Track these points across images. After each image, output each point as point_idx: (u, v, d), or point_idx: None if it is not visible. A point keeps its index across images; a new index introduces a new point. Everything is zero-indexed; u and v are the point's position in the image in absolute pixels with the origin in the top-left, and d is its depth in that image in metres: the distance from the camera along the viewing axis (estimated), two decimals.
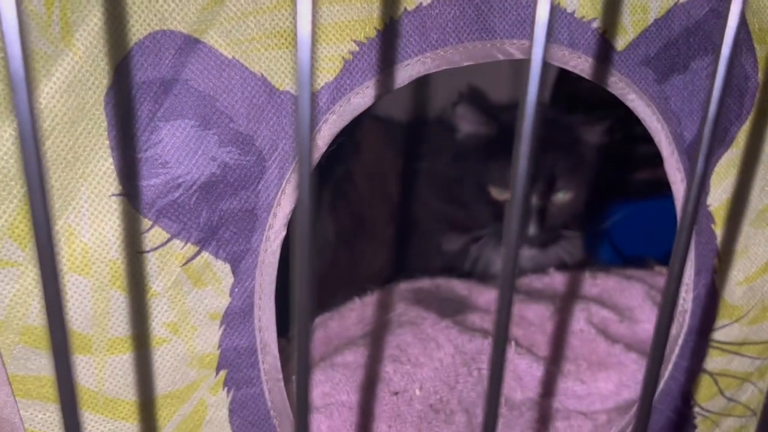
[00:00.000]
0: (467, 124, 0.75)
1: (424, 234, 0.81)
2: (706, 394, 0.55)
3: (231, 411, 0.42)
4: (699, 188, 0.24)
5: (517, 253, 0.23)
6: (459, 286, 0.62)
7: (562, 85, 0.90)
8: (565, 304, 0.59)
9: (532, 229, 0.72)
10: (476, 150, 0.75)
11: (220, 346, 0.41)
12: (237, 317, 0.41)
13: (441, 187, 0.78)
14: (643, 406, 0.27)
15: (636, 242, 0.87)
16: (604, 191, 0.85)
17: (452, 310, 0.57)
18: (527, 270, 0.73)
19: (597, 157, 0.79)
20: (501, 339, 0.23)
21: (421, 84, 0.66)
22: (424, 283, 0.62)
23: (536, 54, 0.20)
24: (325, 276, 0.77)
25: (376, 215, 0.81)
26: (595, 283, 0.63)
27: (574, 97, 0.79)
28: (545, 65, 0.20)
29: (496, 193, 0.74)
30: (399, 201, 0.82)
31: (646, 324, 0.59)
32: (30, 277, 0.35)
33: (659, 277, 0.65)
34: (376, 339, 0.53)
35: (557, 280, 0.65)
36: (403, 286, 0.61)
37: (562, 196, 0.75)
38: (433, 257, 0.80)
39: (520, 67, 0.45)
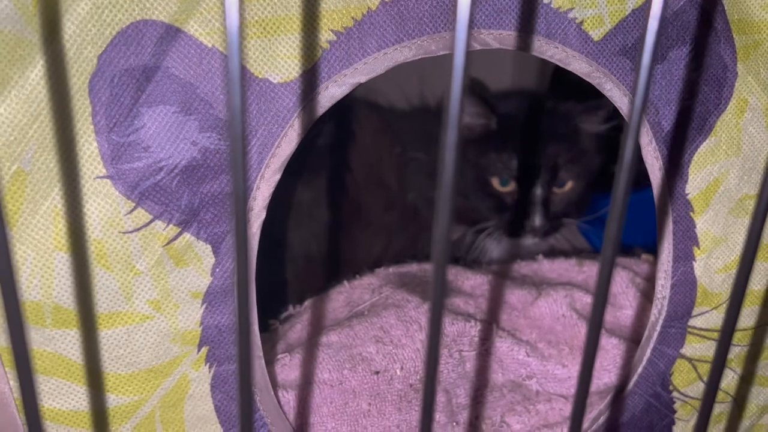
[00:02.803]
0: (466, 115, 0.76)
1: (422, 223, 0.82)
2: (685, 380, 0.56)
3: (213, 386, 0.44)
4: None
5: (449, 234, 0.24)
6: None
7: (562, 74, 0.90)
8: (548, 290, 0.60)
9: (537, 220, 0.73)
10: (475, 141, 0.76)
11: (202, 323, 0.43)
12: (218, 296, 0.43)
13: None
14: (580, 389, 0.28)
15: (631, 231, 0.87)
16: (603, 180, 0.85)
17: None
18: (524, 257, 0.74)
19: (596, 145, 0.80)
20: (436, 318, 0.24)
21: (420, 71, 0.67)
22: (412, 267, 0.64)
23: (459, 44, 0.21)
24: (324, 262, 0.78)
25: (373, 203, 0.82)
26: (582, 270, 0.64)
27: (574, 86, 0.80)
28: (469, 56, 0.22)
29: (498, 185, 0.75)
30: (397, 189, 0.83)
31: (628, 310, 0.60)
32: (17, 254, 0.37)
33: (645, 264, 0.65)
34: (360, 320, 0.55)
35: (545, 266, 0.66)
36: (391, 270, 0.63)
37: (564, 186, 0.76)
38: (431, 246, 0.81)
39: (523, 56, 0.46)
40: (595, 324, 0.28)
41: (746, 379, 0.58)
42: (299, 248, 0.75)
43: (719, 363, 0.32)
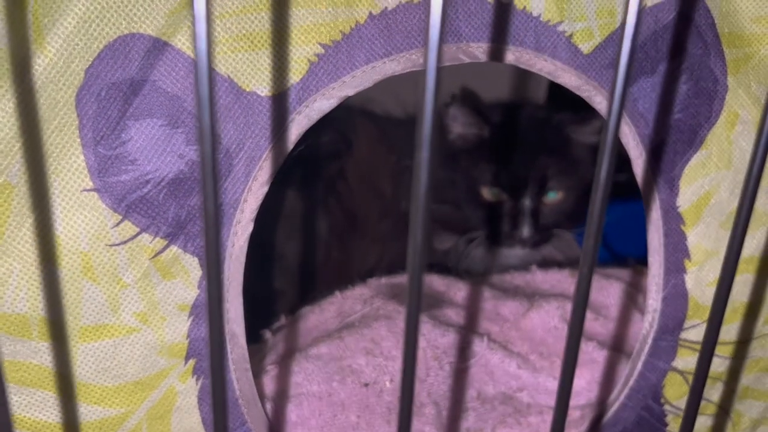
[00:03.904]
0: (459, 125, 0.76)
1: None
2: (676, 393, 0.56)
3: (200, 398, 0.44)
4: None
5: (424, 252, 0.24)
6: (437, 282, 0.63)
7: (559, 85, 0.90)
8: (540, 301, 0.60)
9: (524, 231, 0.73)
10: (468, 151, 0.76)
11: (188, 336, 0.43)
12: (205, 309, 0.43)
13: (433, 188, 0.79)
14: (560, 402, 0.28)
15: (629, 242, 0.87)
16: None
17: (427, 304, 0.58)
18: (517, 268, 0.74)
19: (590, 156, 0.79)
20: (412, 336, 0.24)
21: (416, 80, 0.67)
22: (404, 278, 0.63)
23: (431, 60, 0.21)
24: (318, 272, 0.78)
25: (369, 212, 0.82)
26: (575, 282, 0.64)
27: (571, 96, 0.80)
28: (440, 72, 0.22)
29: (487, 195, 0.75)
30: (392, 198, 0.83)
31: (621, 322, 0.60)
32: (3, 267, 0.37)
33: (639, 276, 0.65)
34: (351, 332, 0.55)
35: (538, 277, 0.66)
36: (383, 281, 0.63)
37: (553, 197, 0.76)
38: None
39: (517, 68, 0.46)
40: (574, 336, 0.28)
41: (738, 393, 0.58)
42: (293, 258, 0.75)
43: (701, 375, 0.32)
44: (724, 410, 0.58)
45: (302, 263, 0.76)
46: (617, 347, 0.59)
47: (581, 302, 0.27)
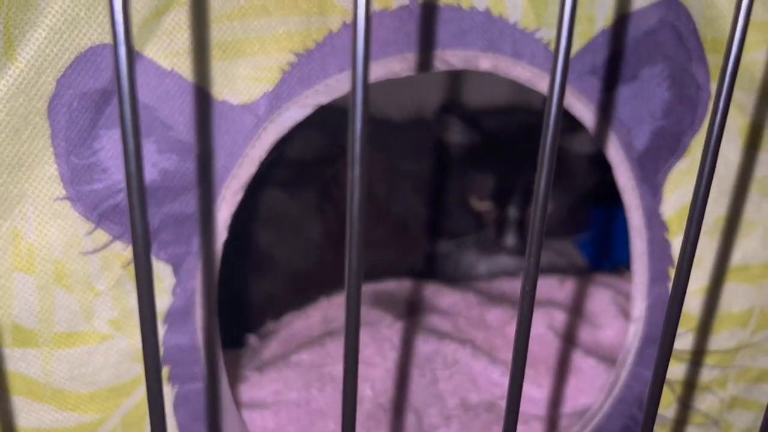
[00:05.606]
0: (450, 133, 0.76)
1: (412, 237, 0.82)
2: (663, 402, 0.55)
3: (175, 405, 0.44)
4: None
5: (362, 254, 0.24)
6: (422, 288, 0.63)
7: None
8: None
9: (509, 240, 0.72)
10: (458, 158, 0.76)
11: (163, 343, 0.43)
12: (179, 316, 0.43)
13: (425, 194, 0.79)
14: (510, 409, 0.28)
15: (618, 247, 0.86)
16: (598, 197, 0.84)
17: (411, 311, 0.58)
18: (507, 274, 0.73)
19: (585, 165, 0.79)
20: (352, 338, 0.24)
21: (415, 84, 0.67)
22: (389, 285, 0.63)
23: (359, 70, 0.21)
24: (309, 277, 0.78)
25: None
26: (563, 288, 0.64)
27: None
28: (366, 84, 0.22)
29: (475, 203, 0.75)
30: (385, 203, 0.83)
31: (608, 329, 0.59)
32: None
33: (629, 283, 0.65)
34: (333, 339, 0.55)
35: None
36: (370, 287, 0.63)
37: None
38: (416, 260, 0.81)
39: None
40: (521, 342, 0.28)
41: (728, 403, 0.57)
42: (285, 262, 0.76)
43: (658, 382, 0.31)
44: (712, 420, 0.57)
45: (294, 268, 0.76)
46: (604, 355, 0.59)
47: (525, 320, 0.27)
